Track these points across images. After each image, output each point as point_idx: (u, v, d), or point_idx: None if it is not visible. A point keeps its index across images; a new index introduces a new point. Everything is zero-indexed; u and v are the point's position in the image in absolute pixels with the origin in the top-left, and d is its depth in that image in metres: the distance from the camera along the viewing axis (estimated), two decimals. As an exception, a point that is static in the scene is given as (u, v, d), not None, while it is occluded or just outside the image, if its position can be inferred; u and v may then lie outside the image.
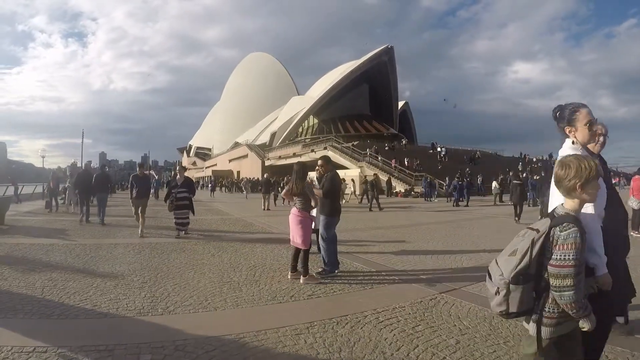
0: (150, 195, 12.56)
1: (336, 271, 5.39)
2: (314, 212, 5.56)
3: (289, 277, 5.17)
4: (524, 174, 24.61)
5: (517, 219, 12.36)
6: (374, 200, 17.84)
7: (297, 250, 5.23)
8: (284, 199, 22.04)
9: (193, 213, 9.44)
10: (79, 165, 23.40)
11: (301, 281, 5.00)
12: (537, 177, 20.03)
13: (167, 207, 9.15)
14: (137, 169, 10.17)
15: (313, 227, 5.59)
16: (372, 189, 18.11)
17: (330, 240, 5.50)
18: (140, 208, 9.40)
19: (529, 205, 17.86)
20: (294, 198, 5.33)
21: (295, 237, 5.19)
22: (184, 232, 8.99)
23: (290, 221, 5.30)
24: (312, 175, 7.27)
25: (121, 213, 14.74)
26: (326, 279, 5.15)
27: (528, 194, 18.28)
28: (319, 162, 5.95)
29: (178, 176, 9.65)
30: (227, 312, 3.93)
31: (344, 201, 18.55)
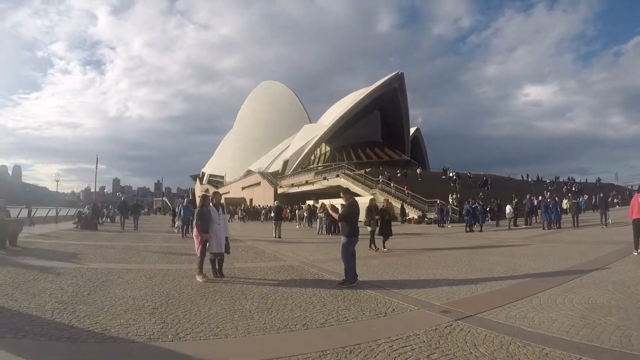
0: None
1: (355, 283, 6.43)
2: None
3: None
4: (552, 195, 25.13)
5: (574, 227, 17.81)
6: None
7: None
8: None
9: None
10: (92, 190, 29.44)
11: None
12: (550, 199, 20.02)
13: None
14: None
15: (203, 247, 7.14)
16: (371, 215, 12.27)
17: (350, 257, 6.61)
18: None
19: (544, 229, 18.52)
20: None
21: None
22: None
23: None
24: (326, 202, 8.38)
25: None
26: (346, 289, 6.10)
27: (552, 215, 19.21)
28: (341, 193, 7.35)
29: None
30: (238, 340, 3.87)
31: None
